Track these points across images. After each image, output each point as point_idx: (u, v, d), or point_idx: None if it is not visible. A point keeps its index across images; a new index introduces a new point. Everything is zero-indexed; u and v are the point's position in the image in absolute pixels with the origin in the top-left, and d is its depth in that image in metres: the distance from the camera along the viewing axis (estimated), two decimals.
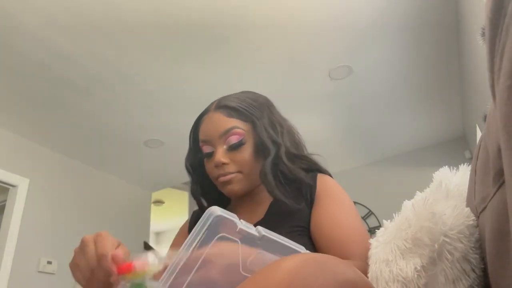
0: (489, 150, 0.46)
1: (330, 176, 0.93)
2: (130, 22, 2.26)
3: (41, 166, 3.39)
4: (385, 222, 0.66)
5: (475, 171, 0.56)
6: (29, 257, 3.06)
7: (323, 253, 0.75)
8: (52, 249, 3.22)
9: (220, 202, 0.98)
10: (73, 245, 0.59)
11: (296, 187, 0.87)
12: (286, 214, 0.83)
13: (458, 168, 0.74)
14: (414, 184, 1.16)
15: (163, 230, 7.11)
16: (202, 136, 0.90)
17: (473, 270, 0.52)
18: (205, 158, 0.90)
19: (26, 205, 3.14)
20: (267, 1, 2.19)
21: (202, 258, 0.50)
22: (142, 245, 4.24)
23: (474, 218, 0.55)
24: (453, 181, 0.70)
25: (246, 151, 0.87)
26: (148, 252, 0.54)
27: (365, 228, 0.81)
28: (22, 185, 3.16)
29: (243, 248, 0.53)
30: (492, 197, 0.45)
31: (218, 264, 0.51)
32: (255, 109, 0.91)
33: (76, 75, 2.63)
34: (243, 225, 0.54)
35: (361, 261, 0.68)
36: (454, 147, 3.81)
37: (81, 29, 2.27)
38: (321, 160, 0.96)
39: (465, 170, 0.72)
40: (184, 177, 3.66)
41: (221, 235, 0.52)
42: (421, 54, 2.70)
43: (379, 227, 0.71)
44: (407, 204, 0.64)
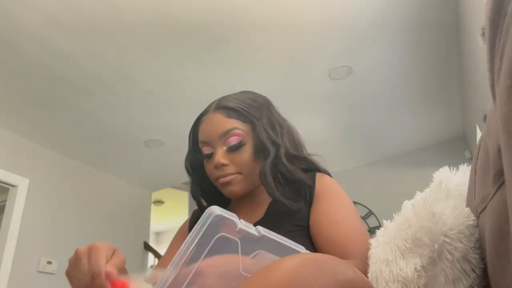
0: (489, 150, 0.46)
1: (330, 176, 0.93)
2: (130, 22, 2.26)
3: (41, 166, 3.39)
4: (385, 222, 0.66)
5: (475, 171, 0.56)
6: (29, 257, 3.06)
7: (323, 253, 0.75)
8: (52, 249, 3.22)
9: (220, 202, 0.98)
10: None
11: (295, 187, 0.87)
12: (285, 214, 0.83)
13: (458, 168, 0.74)
14: (414, 184, 1.16)
15: (163, 230, 7.11)
16: (201, 137, 0.90)
17: (473, 270, 0.52)
18: (205, 159, 0.90)
19: (26, 205, 3.14)
20: (267, 1, 2.19)
21: (195, 271, 0.50)
22: (142, 245, 4.25)
23: (474, 218, 0.55)
24: (453, 181, 0.70)
25: (246, 152, 0.86)
26: (144, 273, 0.54)
27: (365, 227, 0.81)
28: (22, 185, 3.16)
29: (236, 258, 0.53)
30: (492, 197, 0.45)
31: (213, 272, 0.51)
32: (254, 109, 0.90)
33: (76, 75, 2.63)
34: (243, 225, 0.54)
35: (361, 261, 0.68)
36: (454, 147, 3.81)
37: (81, 29, 2.27)
38: (320, 160, 0.96)
39: (465, 170, 0.72)
40: (184, 177, 3.66)
41: (220, 234, 0.52)
42: (421, 54, 2.70)
43: (379, 227, 0.71)
44: (407, 204, 0.64)
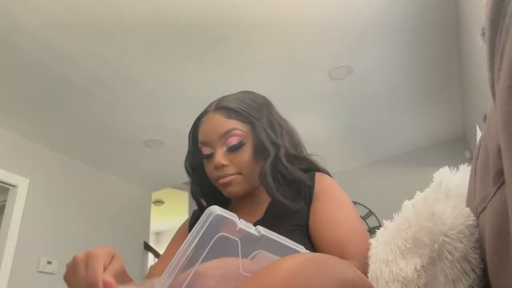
0: (489, 150, 0.46)
1: (329, 176, 0.93)
2: (130, 22, 2.26)
3: (41, 166, 3.39)
4: (385, 222, 0.66)
5: (475, 171, 0.56)
6: (29, 257, 3.06)
7: (322, 253, 0.75)
8: (52, 249, 3.22)
9: (220, 202, 0.98)
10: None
11: (295, 187, 0.87)
12: (285, 214, 0.83)
13: (458, 168, 0.74)
14: (414, 184, 1.16)
15: (163, 230, 7.11)
16: (201, 138, 0.90)
17: (473, 270, 0.52)
18: (205, 159, 0.90)
19: (26, 205, 3.14)
20: (267, 1, 2.19)
21: (194, 272, 0.49)
22: (142, 245, 4.25)
23: (474, 218, 0.55)
24: (453, 181, 0.70)
25: (246, 153, 0.86)
26: (142, 281, 0.54)
27: (365, 227, 0.81)
28: (22, 185, 3.16)
29: (236, 260, 0.53)
30: (492, 197, 0.45)
31: (213, 274, 0.51)
32: (254, 110, 0.90)
33: (76, 75, 2.63)
34: (242, 225, 0.54)
35: (360, 261, 0.68)
36: (454, 147, 3.80)
37: (81, 29, 2.27)
38: (320, 160, 0.95)
39: (465, 170, 0.72)
40: (184, 177, 3.66)
41: (220, 234, 0.52)
42: (421, 54, 2.70)
43: (379, 227, 0.71)
44: (407, 204, 0.64)
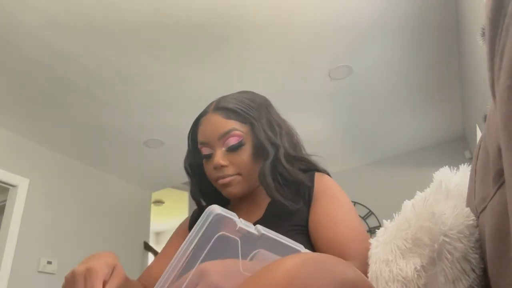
0: (489, 150, 0.46)
1: (329, 176, 0.93)
2: (130, 22, 2.25)
3: (41, 166, 3.39)
4: (385, 222, 0.66)
5: (475, 171, 0.56)
6: (29, 257, 3.06)
7: (322, 253, 0.75)
8: (52, 249, 3.22)
9: (220, 202, 0.97)
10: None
11: (295, 188, 0.87)
12: (284, 214, 0.83)
13: (458, 168, 0.74)
14: (414, 184, 1.16)
15: (163, 230, 7.10)
16: (200, 138, 0.90)
17: (473, 270, 0.52)
18: (204, 160, 0.90)
19: (26, 205, 3.14)
20: (267, 1, 2.19)
21: (195, 270, 0.49)
22: (142, 245, 4.25)
23: (474, 218, 0.55)
24: (453, 181, 0.70)
25: (245, 153, 0.86)
26: None
27: (364, 227, 0.81)
28: (22, 185, 3.16)
29: (236, 260, 0.53)
30: (492, 197, 0.45)
31: (215, 271, 0.51)
32: (253, 110, 0.90)
33: (76, 75, 2.63)
34: (242, 224, 0.54)
35: (360, 261, 0.68)
36: (454, 147, 3.80)
37: (81, 29, 2.27)
38: (320, 161, 0.95)
39: (465, 170, 0.72)
40: (184, 177, 3.65)
41: (220, 233, 0.52)
42: (421, 54, 2.69)
43: (379, 227, 0.71)
44: (407, 204, 0.64)
